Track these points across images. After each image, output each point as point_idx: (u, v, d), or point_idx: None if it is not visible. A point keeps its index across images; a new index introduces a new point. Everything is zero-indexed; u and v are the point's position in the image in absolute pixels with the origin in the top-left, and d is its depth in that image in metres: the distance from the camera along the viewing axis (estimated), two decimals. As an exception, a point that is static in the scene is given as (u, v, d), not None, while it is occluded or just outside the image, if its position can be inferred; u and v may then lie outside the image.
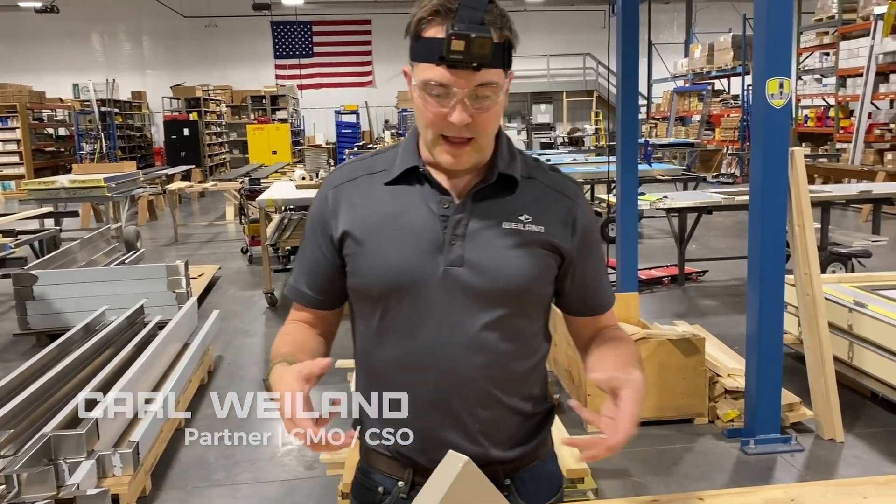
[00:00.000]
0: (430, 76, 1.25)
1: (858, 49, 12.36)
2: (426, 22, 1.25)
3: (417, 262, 1.33)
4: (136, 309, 5.01)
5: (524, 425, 1.42)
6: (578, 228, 1.39)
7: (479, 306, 1.33)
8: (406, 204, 1.35)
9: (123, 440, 3.35)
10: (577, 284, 1.43)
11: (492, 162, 1.37)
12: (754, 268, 3.65)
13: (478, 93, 1.25)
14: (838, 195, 7.20)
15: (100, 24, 23.30)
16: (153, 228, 11.76)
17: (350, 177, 1.42)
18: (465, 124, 1.26)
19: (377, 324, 1.37)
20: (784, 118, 3.58)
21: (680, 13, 23.65)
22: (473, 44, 1.20)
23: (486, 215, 1.34)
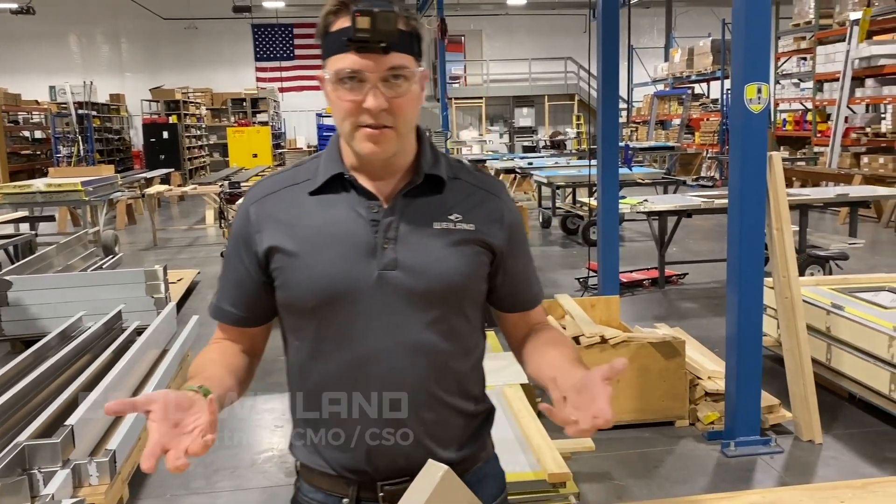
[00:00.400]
0: (342, 65, 1.25)
1: (835, 54, 12.48)
2: (332, 15, 1.27)
3: (350, 269, 1.31)
4: (113, 315, 4.95)
5: (467, 426, 1.42)
6: (507, 224, 1.41)
7: (417, 308, 1.32)
8: (334, 212, 1.34)
9: (100, 448, 3.31)
10: (508, 280, 1.44)
11: (416, 163, 1.37)
12: (733, 271, 3.68)
13: (390, 76, 1.25)
14: (816, 198, 7.26)
15: (77, 25, 23.08)
16: (132, 233, 11.66)
17: (272, 189, 1.39)
18: (381, 110, 1.25)
19: (313, 337, 1.35)
20: (762, 123, 3.61)
21: (660, 17, 23.80)
22: (378, 19, 1.21)
23: (416, 217, 1.34)
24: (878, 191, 7.91)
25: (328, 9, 1.28)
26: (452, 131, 20.57)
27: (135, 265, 8.12)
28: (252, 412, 4.35)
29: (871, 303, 4.20)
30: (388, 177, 1.36)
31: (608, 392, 1.18)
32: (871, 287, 4.59)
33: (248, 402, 4.43)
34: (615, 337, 3.92)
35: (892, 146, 11.22)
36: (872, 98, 11.93)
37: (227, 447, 3.95)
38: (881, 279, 4.85)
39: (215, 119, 23.40)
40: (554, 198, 11.13)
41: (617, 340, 3.91)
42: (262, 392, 4.28)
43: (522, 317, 1.49)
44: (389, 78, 1.26)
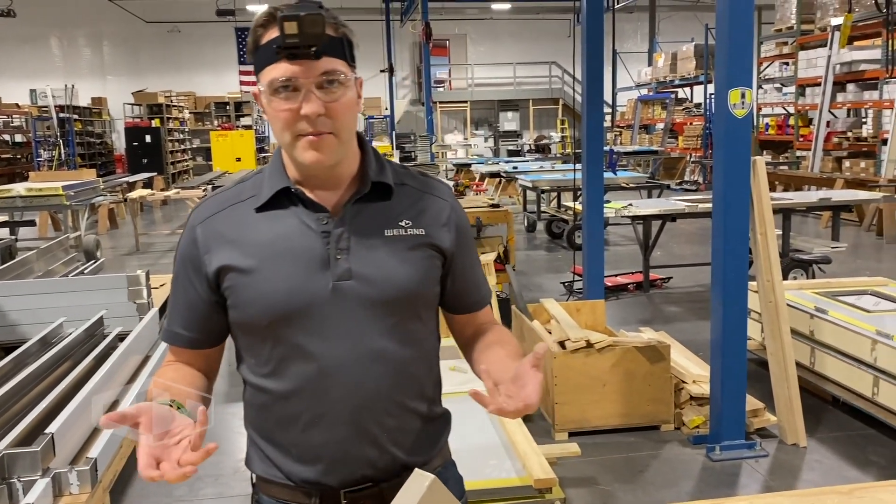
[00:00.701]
0: (275, 75, 1.25)
1: (816, 59, 12.59)
2: (261, 28, 1.27)
3: (305, 282, 1.30)
4: (95, 321, 4.89)
5: (427, 428, 1.43)
6: (455, 227, 1.42)
7: (374, 317, 1.32)
8: (283, 227, 1.33)
9: (81, 457, 3.26)
10: (458, 282, 1.45)
11: (362, 172, 1.37)
12: (718, 275, 3.68)
13: (324, 82, 1.25)
14: (799, 202, 7.30)
15: (58, 28, 22.92)
16: (113, 237, 11.57)
17: (217, 209, 1.37)
18: (318, 115, 1.24)
19: (269, 354, 1.34)
20: (746, 128, 3.62)
21: (643, 22, 23.93)
22: (304, 22, 1.20)
23: (366, 225, 1.34)
24: (860, 195, 7.99)
25: (257, 23, 1.28)
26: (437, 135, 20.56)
27: (117, 270, 8.05)
28: (234, 419, 4.31)
29: (855, 306, 4.23)
30: (334, 187, 1.35)
31: (538, 378, 1.20)
32: (854, 291, 4.61)
33: (231, 408, 4.39)
34: (601, 341, 3.92)
35: (873, 150, 11.31)
36: (853, 103, 12.04)
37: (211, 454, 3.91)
38: (864, 283, 4.88)
39: (198, 123, 23.30)
40: (539, 202, 11.15)
41: (602, 345, 3.90)
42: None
43: (471, 318, 1.51)
44: (324, 83, 1.25)
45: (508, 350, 1.40)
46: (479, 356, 1.45)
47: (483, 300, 1.51)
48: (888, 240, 9.18)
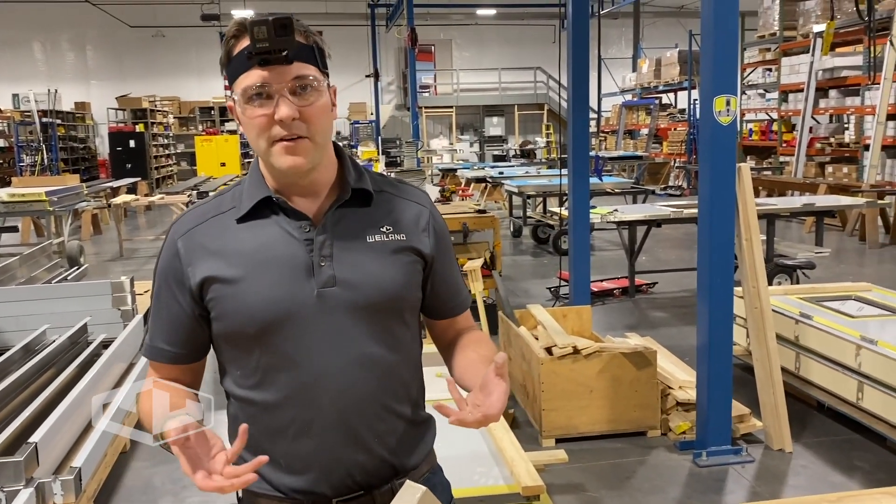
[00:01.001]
0: (248, 82, 1.26)
1: (799, 65, 12.69)
2: (233, 39, 1.28)
3: (289, 290, 1.31)
4: (78, 328, 4.85)
5: (416, 434, 1.45)
6: (434, 232, 1.44)
7: (360, 322, 1.33)
8: (265, 236, 1.33)
9: (65, 466, 3.24)
10: (438, 287, 1.46)
11: (341, 179, 1.38)
12: (703, 281, 3.70)
13: (297, 87, 1.26)
14: (783, 208, 7.35)
15: (41, 32, 22.75)
16: (97, 243, 11.49)
17: (197, 221, 1.37)
18: (293, 119, 1.25)
19: (256, 365, 1.34)
20: (731, 135, 3.64)
21: (628, 28, 24.05)
22: (273, 25, 1.22)
23: (348, 232, 1.35)
24: (843, 200, 8.05)
25: (228, 34, 1.30)
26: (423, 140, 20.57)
27: (100, 276, 7.98)
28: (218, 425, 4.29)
29: (839, 312, 4.26)
30: (313, 195, 1.36)
31: (502, 387, 1.21)
32: (839, 296, 4.65)
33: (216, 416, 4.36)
34: (587, 347, 3.92)
35: (855, 156, 11.42)
36: (836, 109, 12.15)
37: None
38: (848, 288, 4.91)
39: (183, 128, 23.20)
40: (525, 207, 11.17)
41: (589, 351, 3.91)
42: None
43: (451, 322, 1.53)
44: (297, 88, 1.26)
45: (481, 353, 1.42)
46: (455, 363, 1.47)
47: (462, 304, 1.53)
48: (871, 245, 9.26)
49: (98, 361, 4.14)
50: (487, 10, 23.23)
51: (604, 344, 4.17)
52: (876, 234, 9.34)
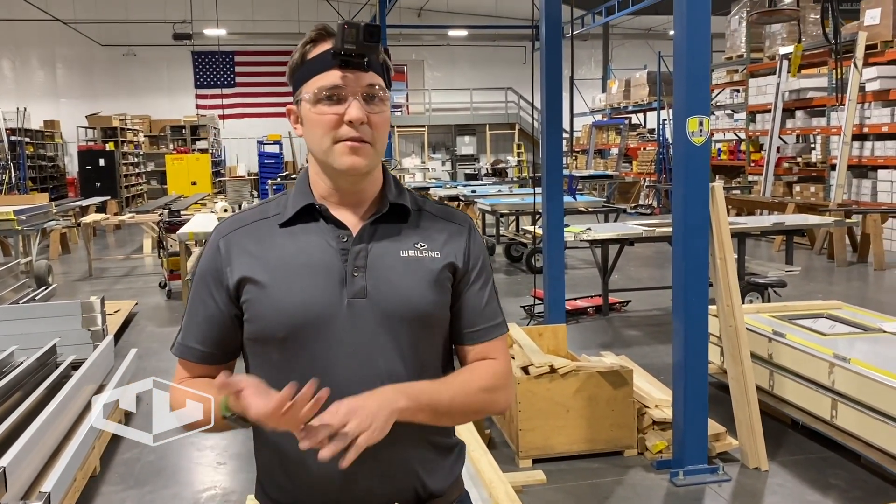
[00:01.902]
0: (323, 82, 1.30)
1: (766, 86, 12.91)
2: (311, 45, 1.33)
3: (321, 297, 1.32)
4: (47, 349, 4.77)
5: (440, 457, 1.42)
6: (470, 253, 1.43)
7: (387, 337, 1.33)
8: (304, 242, 1.35)
9: (33, 491, 3.16)
10: (465, 308, 1.44)
11: (382, 194, 1.41)
12: (679, 300, 3.72)
13: (369, 93, 1.30)
14: (753, 227, 7.45)
15: (10, 50, 22.50)
16: (66, 262, 11.31)
17: (241, 223, 1.41)
18: (361, 123, 1.29)
19: (281, 371, 1.33)
20: (704, 155, 3.68)
21: (597, 49, 24.36)
22: (364, 31, 1.27)
23: (384, 245, 1.37)
24: (812, 219, 8.17)
25: (307, 39, 1.34)
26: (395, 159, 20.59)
27: (69, 296, 7.87)
28: (192, 448, 4.22)
29: (811, 330, 4.30)
30: (356, 206, 1.39)
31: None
32: (810, 314, 4.70)
33: (189, 437, 4.30)
34: (564, 366, 3.92)
35: (822, 175, 11.62)
36: (802, 129, 12.37)
37: (169, 486, 3.82)
38: (819, 306, 4.97)
39: (154, 146, 23.00)
40: (498, 225, 11.20)
41: (566, 370, 3.91)
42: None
43: (475, 351, 1.46)
44: (368, 96, 1.31)
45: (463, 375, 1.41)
46: None
47: (489, 331, 1.46)
48: (839, 263, 9.40)
49: (67, 383, 4.06)
50: (459, 31, 23.40)
51: (580, 363, 4.17)
52: (844, 252, 9.49)
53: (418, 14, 24.06)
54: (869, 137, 10.77)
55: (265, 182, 18.49)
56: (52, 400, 3.78)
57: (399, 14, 21.14)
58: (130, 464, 4.08)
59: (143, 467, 4.04)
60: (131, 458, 4.15)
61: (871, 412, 3.49)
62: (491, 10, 23.65)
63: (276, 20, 22.44)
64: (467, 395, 1.38)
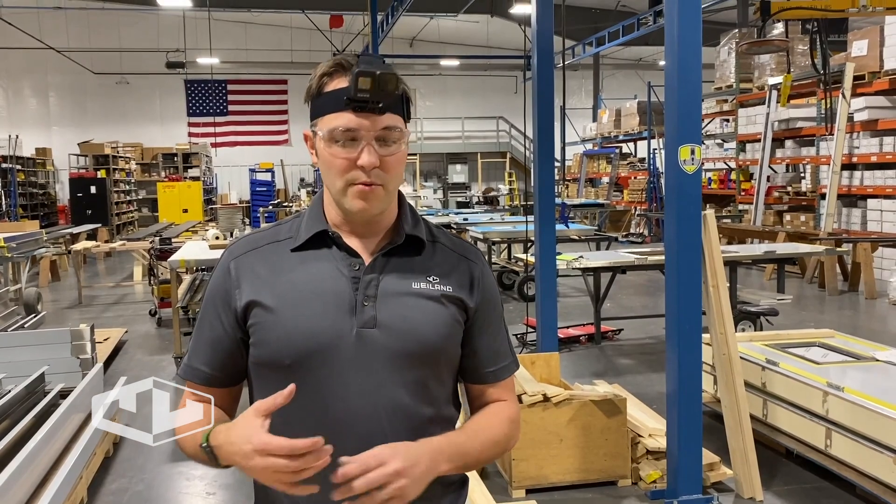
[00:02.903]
0: (337, 123, 1.28)
1: (755, 116, 13.03)
2: (327, 77, 1.31)
3: (330, 325, 1.30)
4: (36, 377, 4.71)
5: (442, 493, 1.40)
6: (481, 289, 1.43)
7: (395, 368, 1.32)
8: (315, 268, 1.34)
9: (19, 522, 3.11)
10: (477, 346, 1.43)
11: (398, 224, 1.39)
12: (672, 328, 3.71)
13: (384, 136, 1.29)
14: (745, 255, 7.47)
15: (3, 79, 22.58)
16: (55, 290, 11.24)
17: (253, 246, 1.39)
18: (373, 168, 1.28)
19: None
20: (696, 183, 3.69)
21: (588, 79, 24.58)
22: (380, 80, 1.25)
23: (396, 276, 1.35)
24: (802, 248, 8.20)
25: (323, 70, 1.32)
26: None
27: (58, 324, 7.80)
28: (181, 478, 4.17)
29: (804, 358, 4.30)
30: (371, 235, 1.38)
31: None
32: (803, 343, 4.70)
33: (178, 467, 4.24)
34: (557, 395, 3.90)
35: (812, 204, 11.69)
36: (792, 158, 12.47)
37: (157, 517, 3.77)
38: (811, 335, 4.98)
39: (145, 174, 23.00)
40: (490, 253, 11.20)
41: (559, 398, 3.89)
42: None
43: (486, 391, 1.46)
44: (382, 137, 1.29)
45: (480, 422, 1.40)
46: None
47: (501, 372, 1.46)
48: (830, 292, 9.43)
49: (56, 412, 4.01)
50: (451, 61, 23.61)
51: (574, 392, 4.15)
52: (835, 280, 9.52)
53: (410, 44, 24.26)
54: (858, 167, 10.87)
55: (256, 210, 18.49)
56: (40, 429, 3.73)
57: (392, 43, 21.27)
58: (118, 494, 4.02)
59: (132, 498, 3.98)
60: (119, 488, 4.09)
61: (866, 441, 3.48)
62: (482, 41, 23.87)
63: (269, 49, 22.60)
64: (493, 446, 1.40)
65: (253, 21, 22.43)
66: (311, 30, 21.26)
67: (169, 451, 4.55)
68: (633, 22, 17.90)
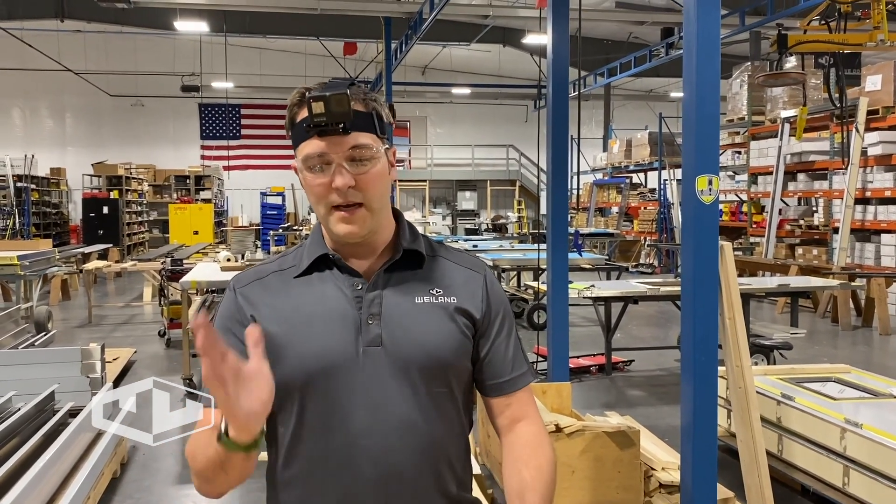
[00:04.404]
0: (308, 151, 1.31)
1: (768, 149, 13.03)
2: (296, 107, 1.34)
3: (337, 346, 1.31)
4: (46, 395, 4.70)
5: None
6: (488, 299, 1.42)
7: (403, 386, 1.31)
8: (319, 291, 1.36)
9: (26, 542, 3.08)
10: (489, 357, 1.42)
11: (396, 241, 1.41)
12: (687, 361, 3.67)
13: (353, 156, 1.30)
14: (758, 287, 7.43)
15: (21, 99, 22.84)
16: (65, 309, 11.26)
17: (258, 276, 1.42)
18: (349, 187, 1.29)
19: (296, 422, 1.33)
20: (713, 213, 3.67)
21: (598, 109, 24.69)
22: (331, 102, 1.27)
23: (399, 292, 1.36)
24: (816, 281, 8.16)
25: (291, 102, 1.35)
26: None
27: (67, 343, 7.81)
28: (188, 501, 4.14)
29: (820, 394, 4.24)
30: (369, 255, 1.39)
31: None
32: (818, 377, 4.64)
33: (185, 489, 4.21)
34: (570, 426, 3.86)
35: (825, 238, 11.64)
36: (804, 192, 12.44)
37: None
38: (826, 369, 4.92)
39: (157, 195, 23.14)
40: (499, 280, 11.17)
41: (572, 429, 3.85)
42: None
43: (505, 402, 1.45)
44: (354, 157, 1.30)
45: (532, 469, 1.39)
46: (506, 481, 1.41)
47: (517, 381, 1.45)
48: (843, 326, 9.35)
49: (64, 431, 4.00)
50: (462, 89, 23.75)
51: (586, 423, 4.11)
52: (848, 315, 9.45)
53: (423, 72, 24.44)
54: (871, 201, 10.83)
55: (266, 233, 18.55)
56: (49, 447, 3.71)
57: (404, 71, 21.46)
58: (125, 516, 3.99)
59: (138, 520, 3.94)
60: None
61: (885, 480, 3.42)
62: (494, 70, 24.04)
63: (283, 75, 22.79)
64: (551, 485, 1.43)
65: (268, 47, 22.66)
66: (324, 56, 21.46)
67: (176, 473, 4.52)
68: (645, 53, 18.04)
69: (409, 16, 14.92)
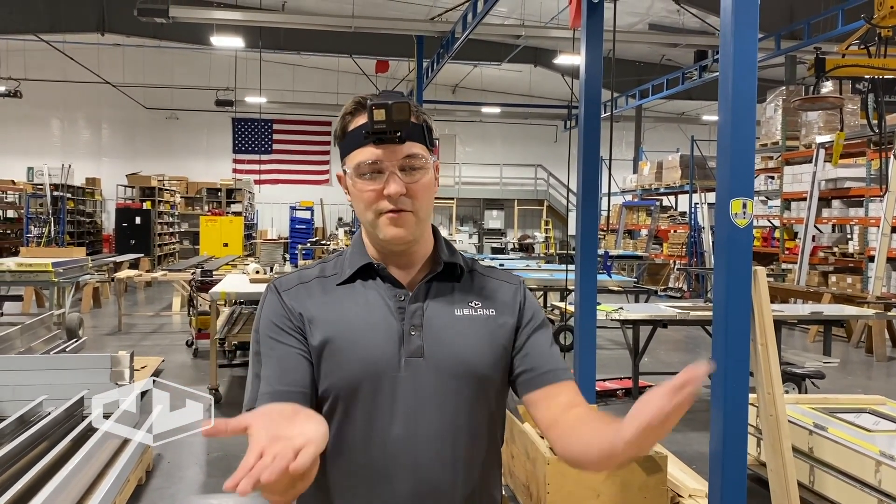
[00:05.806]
0: (361, 158, 1.32)
1: (802, 174, 12.87)
2: (350, 116, 1.36)
3: (381, 355, 1.32)
4: (75, 400, 4.75)
5: None
6: (524, 307, 1.44)
7: (443, 396, 1.32)
8: (363, 300, 1.36)
9: (52, 547, 3.10)
10: (530, 355, 1.42)
11: (435, 254, 1.43)
12: (718, 387, 3.62)
13: (406, 164, 1.32)
14: (790, 314, 7.32)
15: (60, 110, 23.32)
16: (96, 316, 11.40)
17: (301, 281, 1.42)
18: (400, 195, 1.31)
19: (336, 431, 1.32)
20: (747, 237, 3.63)
21: (629, 131, 24.61)
22: (393, 110, 1.29)
23: (439, 304, 1.38)
24: (850, 310, 8.01)
25: (346, 110, 1.37)
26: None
27: (97, 350, 7.88)
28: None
29: (854, 425, 4.16)
30: (410, 266, 1.41)
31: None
32: (852, 408, 4.55)
33: (209, 499, 4.22)
34: (597, 448, 3.81)
35: (859, 266, 11.45)
36: (839, 219, 12.26)
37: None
38: (860, 400, 4.82)
39: (189, 207, 23.42)
40: (527, 301, 11.12)
41: (599, 452, 3.79)
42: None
43: (553, 393, 1.38)
44: (406, 166, 1.33)
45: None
46: (580, 439, 1.30)
47: (560, 373, 1.40)
48: (878, 357, 9.17)
49: (93, 436, 4.03)
50: (492, 108, 23.82)
51: (613, 445, 4.05)
52: (883, 346, 9.27)
53: (453, 90, 24.55)
54: (908, 230, 10.65)
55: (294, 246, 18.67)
56: (77, 452, 3.74)
57: (435, 90, 21.57)
58: (149, 524, 4.00)
59: (162, 529, 3.95)
60: (151, 518, 4.07)
61: (920, 514, 3.34)
62: (524, 90, 24.07)
63: (315, 91, 23.03)
64: None
65: (301, 63, 22.91)
66: (357, 74, 21.65)
67: (200, 481, 4.53)
68: (678, 76, 17.97)
69: (441, 35, 15.02)
